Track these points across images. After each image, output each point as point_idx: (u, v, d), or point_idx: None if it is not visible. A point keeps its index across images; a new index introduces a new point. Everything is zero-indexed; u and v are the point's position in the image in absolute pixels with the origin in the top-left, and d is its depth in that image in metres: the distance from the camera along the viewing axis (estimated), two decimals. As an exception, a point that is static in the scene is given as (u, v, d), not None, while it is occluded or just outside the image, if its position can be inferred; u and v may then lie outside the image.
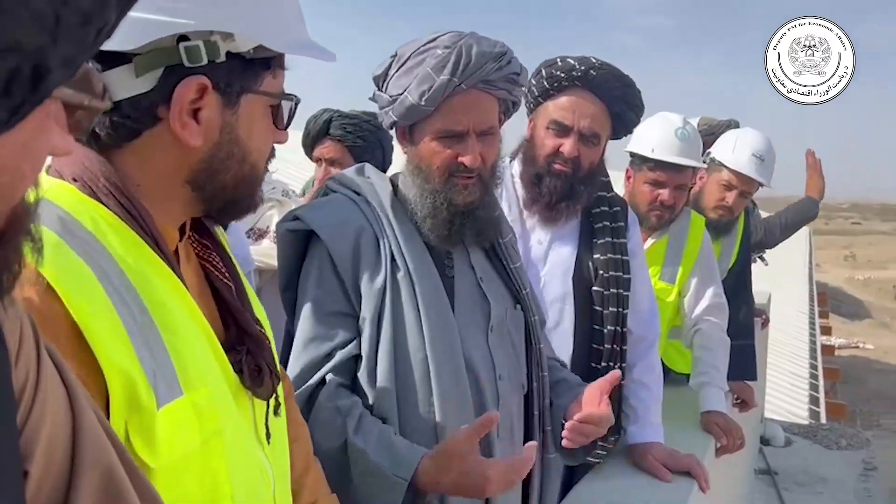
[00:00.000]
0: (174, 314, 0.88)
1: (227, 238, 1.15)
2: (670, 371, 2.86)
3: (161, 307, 0.87)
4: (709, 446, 2.46)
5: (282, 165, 1.78)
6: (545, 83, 2.09)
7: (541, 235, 2.15)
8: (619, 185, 2.56)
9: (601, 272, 2.11)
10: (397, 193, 1.63)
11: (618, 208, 2.20)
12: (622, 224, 2.18)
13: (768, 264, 4.44)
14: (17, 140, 0.41)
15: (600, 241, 2.14)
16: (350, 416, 1.45)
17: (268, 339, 1.05)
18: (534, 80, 2.10)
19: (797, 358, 11.01)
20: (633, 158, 2.69)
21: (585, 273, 2.12)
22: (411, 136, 1.59)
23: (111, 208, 0.88)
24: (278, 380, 1.06)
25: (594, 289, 2.11)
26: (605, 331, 2.09)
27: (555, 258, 2.14)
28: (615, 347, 2.09)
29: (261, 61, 0.95)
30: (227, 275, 1.05)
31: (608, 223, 2.16)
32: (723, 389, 2.62)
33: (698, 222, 2.80)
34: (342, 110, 2.73)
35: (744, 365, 3.07)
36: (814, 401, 9.28)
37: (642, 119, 2.21)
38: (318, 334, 1.52)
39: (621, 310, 2.11)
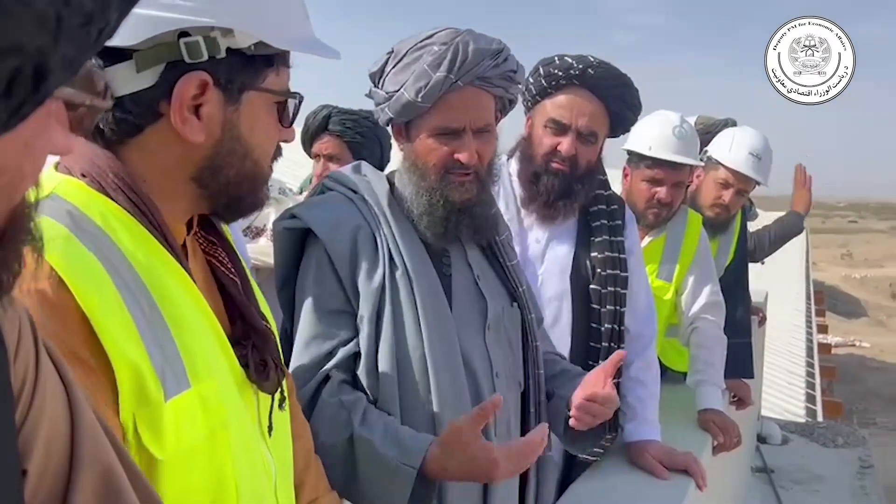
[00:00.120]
0: (182, 308, 0.89)
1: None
2: (667, 369, 2.86)
3: (169, 301, 0.87)
4: (706, 444, 2.46)
5: (278, 162, 1.78)
6: (543, 81, 2.09)
7: (538, 234, 2.15)
8: (617, 184, 2.56)
9: (599, 270, 2.11)
10: (394, 191, 1.62)
11: (615, 206, 2.20)
12: (619, 222, 2.18)
13: (765, 263, 4.45)
14: (19, 140, 0.41)
15: (598, 240, 2.14)
16: (355, 411, 1.46)
17: (273, 335, 1.06)
18: (531, 78, 2.10)
19: (794, 356, 11.04)
20: (631, 156, 2.69)
21: (583, 271, 2.12)
22: (407, 133, 1.59)
23: (120, 203, 0.89)
24: (283, 374, 1.06)
25: (592, 287, 2.11)
26: (602, 329, 2.10)
27: (552, 256, 2.14)
28: (613, 345, 2.09)
29: (263, 58, 0.95)
30: (232, 270, 1.06)
31: (606, 221, 2.16)
32: (720, 387, 2.63)
33: (695, 220, 2.80)
34: (341, 106, 2.73)
35: (741, 363, 3.07)
36: (810, 399, 9.30)
37: (640, 118, 2.21)
38: (320, 333, 1.52)
39: (619, 308, 2.11)
